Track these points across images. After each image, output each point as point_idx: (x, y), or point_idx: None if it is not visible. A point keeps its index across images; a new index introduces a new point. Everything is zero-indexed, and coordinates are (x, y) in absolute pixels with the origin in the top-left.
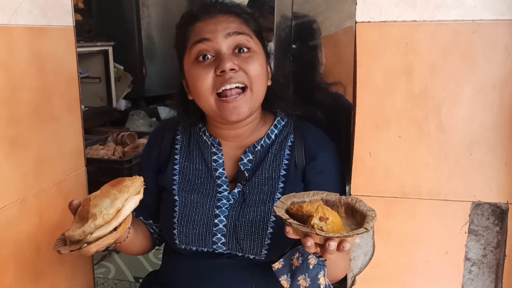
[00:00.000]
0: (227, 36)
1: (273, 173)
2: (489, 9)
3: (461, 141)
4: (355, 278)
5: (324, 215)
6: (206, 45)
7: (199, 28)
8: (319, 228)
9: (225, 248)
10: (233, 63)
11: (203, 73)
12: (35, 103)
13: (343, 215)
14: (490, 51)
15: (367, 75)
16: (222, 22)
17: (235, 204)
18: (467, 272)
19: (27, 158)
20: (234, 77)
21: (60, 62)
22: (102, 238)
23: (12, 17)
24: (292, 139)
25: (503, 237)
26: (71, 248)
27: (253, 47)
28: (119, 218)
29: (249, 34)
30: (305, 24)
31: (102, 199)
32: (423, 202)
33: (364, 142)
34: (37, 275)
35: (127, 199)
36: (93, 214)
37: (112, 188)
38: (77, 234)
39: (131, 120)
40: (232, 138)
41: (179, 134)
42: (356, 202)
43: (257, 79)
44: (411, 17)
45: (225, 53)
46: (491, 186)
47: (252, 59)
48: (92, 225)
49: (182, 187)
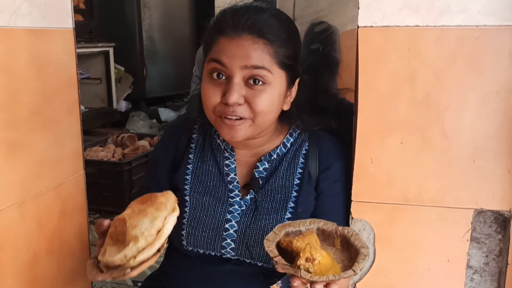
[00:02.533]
0: (243, 68)
1: (286, 181)
2: (493, 14)
3: (465, 148)
4: (355, 285)
5: (310, 256)
6: (221, 67)
7: (221, 44)
8: (305, 269)
9: (233, 254)
10: (239, 95)
11: (212, 93)
12: (35, 106)
13: (338, 247)
14: (494, 57)
15: (369, 80)
16: (244, 47)
17: (247, 210)
18: (469, 280)
19: (26, 161)
20: (236, 111)
21: (60, 65)
22: (145, 262)
23: (12, 19)
24: (307, 148)
25: (506, 245)
26: (113, 275)
27: (270, 81)
28: (162, 238)
29: (269, 68)
30: (307, 28)
31: (140, 219)
32: (425, 209)
33: (366, 148)
34: (35, 280)
35: (166, 218)
36: (134, 236)
37: (146, 206)
38: (118, 259)
39: (132, 121)
40: (242, 147)
41: (195, 133)
42: (352, 236)
43: (261, 115)
44: (414, 22)
45: (236, 84)
46: (494, 193)
47: (262, 94)
48: (134, 248)
49: (193, 188)
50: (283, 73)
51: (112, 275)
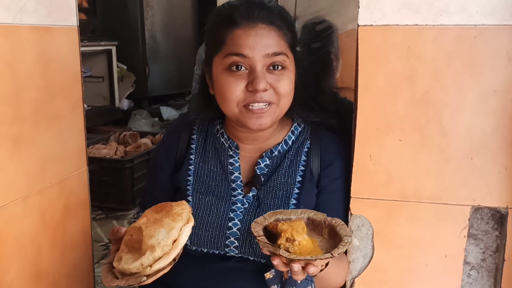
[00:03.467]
0: (265, 56)
1: (288, 178)
2: (491, 14)
3: (462, 146)
4: (354, 280)
5: (291, 236)
6: (242, 59)
7: (238, 37)
8: (285, 249)
9: (237, 252)
10: (266, 82)
11: (234, 84)
12: (39, 102)
13: (326, 236)
14: (492, 56)
15: (369, 78)
16: (263, 36)
17: (250, 208)
18: (466, 276)
19: (31, 156)
20: (264, 97)
21: (64, 62)
22: (160, 270)
23: (17, 16)
24: (309, 145)
25: (502, 242)
26: (129, 282)
27: (287, 65)
28: (177, 248)
29: (286, 52)
30: (308, 26)
31: (157, 229)
32: (423, 206)
33: (365, 146)
34: (38, 274)
35: (181, 228)
36: (150, 245)
37: (162, 216)
38: (135, 267)
39: (134, 120)
40: (250, 141)
41: (195, 134)
42: (338, 225)
43: (285, 97)
44: (413, 21)
45: (260, 71)
46: (491, 190)
47: (284, 78)
48: (150, 257)
49: (196, 188)
50: (292, 56)
51: (128, 282)
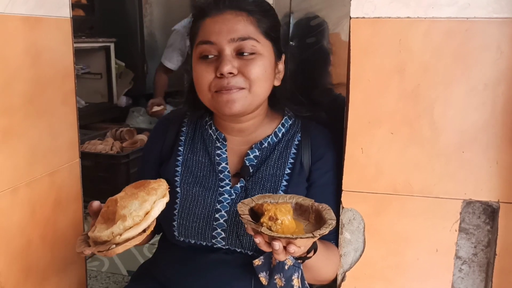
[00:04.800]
0: (231, 41)
1: (277, 170)
2: (483, 7)
3: (453, 140)
4: (345, 274)
5: (274, 215)
6: (210, 47)
7: (207, 25)
8: (267, 227)
9: (224, 243)
10: (232, 66)
11: (205, 71)
12: (30, 94)
13: (312, 221)
14: (483, 49)
15: (360, 71)
16: (229, 21)
17: (237, 199)
18: (457, 271)
19: (20, 148)
20: (232, 82)
21: (56, 54)
22: (130, 240)
23: (8, 6)
24: (299, 138)
25: (494, 236)
26: (98, 249)
27: (259, 50)
28: (149, 220)
29: (256, 37)
30: (303, 21)
31: (131, 201)
32: (414, 199)
33: (356, 139)
34: (28, 267)
35: (155, 202)
36: (122, 215)
37: (139, 190)
38: (105, 235)
39: (131, 117)
40: (237, 133)
41: (185, 126)
42: (324, 210)
43: (257, 82)
44: (405, 14)
45: (227, 55)
46: (482, 184)
47: (253, 62)
48: (121, 226)
49: (184, 179)
50: (269, 43)
51: (98, 249)
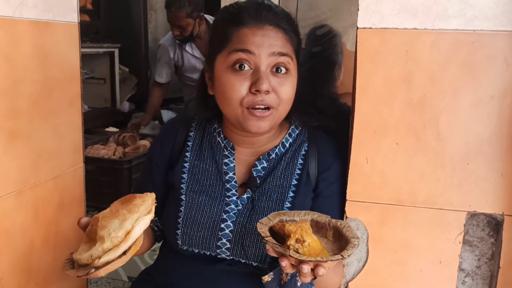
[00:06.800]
0: (271, 55)
1: (284, 181)
2: (490, 20)
3: (458, 151)
4: (348, 284)
5: (301, 237)
6: (247, 56)
7: (244, 35)
8: (294, 250)
9: (228, 254)
10: (269, 84)
11: (238, 84)
12: (36, 97)
13: (331, 238)
14: (489, 62)
15: (366, 81)
16: (270, 37)
17: (244, 210)
18: (460, 283)
19: (25, 150)
20: (266, 100)
21: (63, 58)
22: (111, 263)
23: (17, 10)
24: (306, 148)
25: (498, 249)
26: (78, 274)
27: (291, 69)
28: (128, 241)
29: (291, 55)
30: (309, 31)
31: (111, 220)
32: (418, 210)
33: (361, 148)
34: (30, 269)
35: (137, 220)
36: (101, 236)
37: (121, 207)
38: (84, 258)
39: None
40: (247, 145)
41: (193, 131)
42: (344, 227)
43: (285, 102)
44: (412, 25)
45: (264, 72)
46: (487, 196)
47: (286, 82)
48: (100, 249)
49: (190, 187)
50: (296, 61)
51: (78, 273)
